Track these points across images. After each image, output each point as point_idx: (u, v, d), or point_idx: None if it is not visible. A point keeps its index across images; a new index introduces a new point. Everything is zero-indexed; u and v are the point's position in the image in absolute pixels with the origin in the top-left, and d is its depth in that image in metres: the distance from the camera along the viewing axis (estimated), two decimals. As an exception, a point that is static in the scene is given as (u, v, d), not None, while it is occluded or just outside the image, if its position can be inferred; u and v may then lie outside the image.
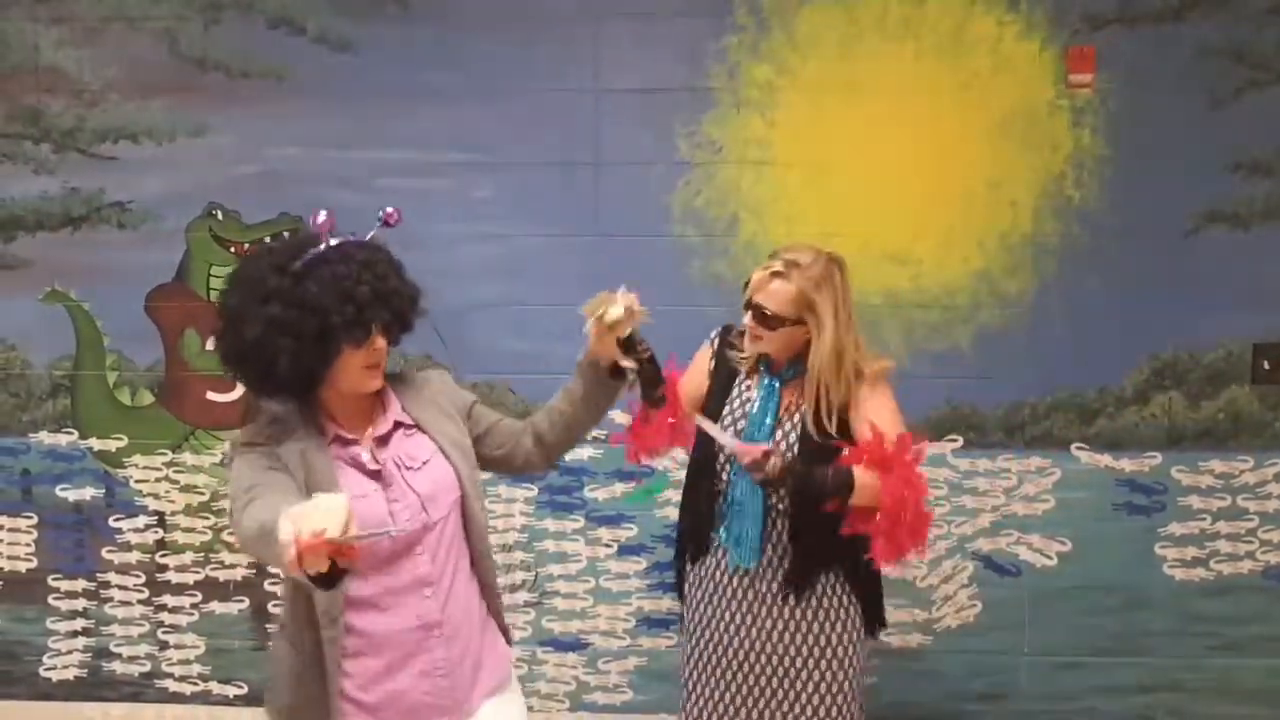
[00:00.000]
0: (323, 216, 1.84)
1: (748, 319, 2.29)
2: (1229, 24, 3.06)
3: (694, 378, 2.49)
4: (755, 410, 2.34)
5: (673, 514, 3.27)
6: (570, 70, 3.21)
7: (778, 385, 2.34)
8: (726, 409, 2.38)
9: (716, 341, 2.48)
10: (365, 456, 1.87)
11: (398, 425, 1.93)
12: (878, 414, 2.23)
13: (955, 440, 3.23)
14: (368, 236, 1.89)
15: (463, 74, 3.22)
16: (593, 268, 3.22)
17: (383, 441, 1.91)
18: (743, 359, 2.39)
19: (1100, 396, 3.21)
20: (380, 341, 1.83)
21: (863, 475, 2.15)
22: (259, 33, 3.25)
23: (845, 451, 2.21)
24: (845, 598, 2.36)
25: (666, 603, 3.31)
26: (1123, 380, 3.20)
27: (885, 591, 2.49)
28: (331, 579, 1.46)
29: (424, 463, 1.91)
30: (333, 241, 1.82)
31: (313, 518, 1.42)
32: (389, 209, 1.95)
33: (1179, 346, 3.17)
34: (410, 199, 3.23)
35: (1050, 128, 3.14)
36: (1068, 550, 3.23)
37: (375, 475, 1.87)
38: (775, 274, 2.28)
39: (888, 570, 2.34)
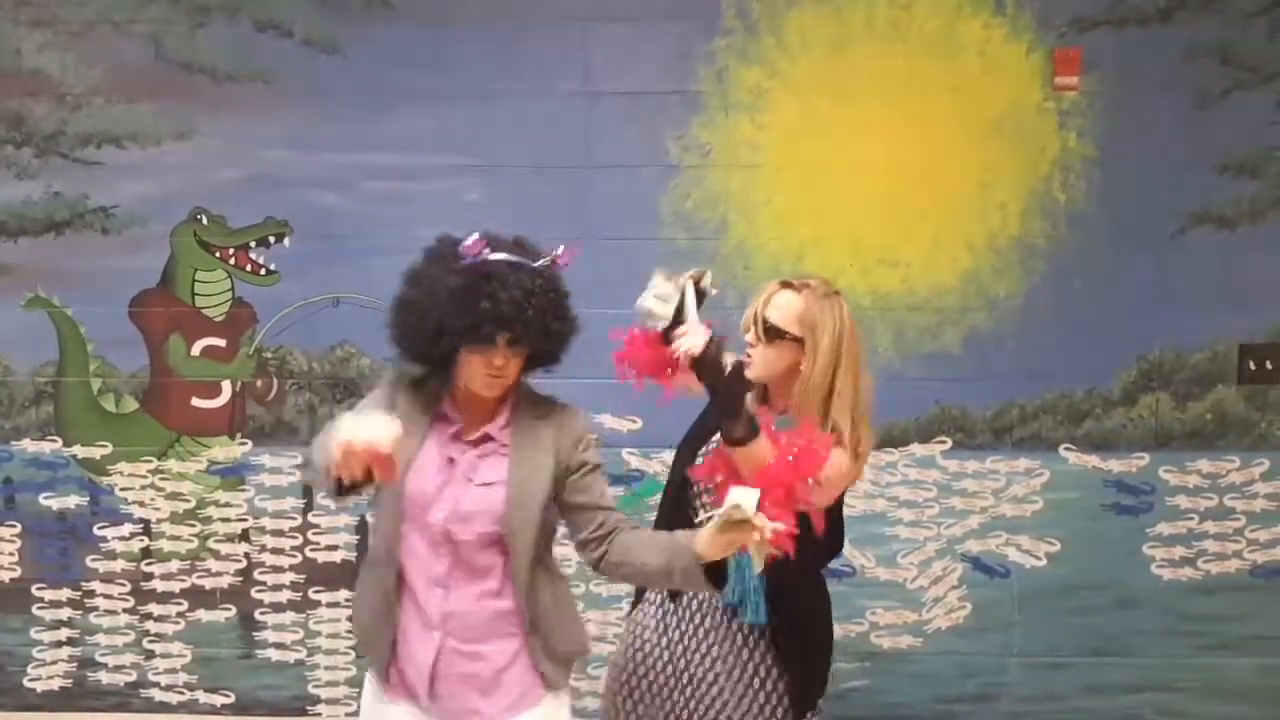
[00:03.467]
0: (560, 250, 1.97)
1: (749, 337, 2.18)
2: (1215, 26, 3.08)
3: None
4: None
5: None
6: (560, 73, 3.21)
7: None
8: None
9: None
10: (448, 447, 1.96)
11: (488, 439, 1.96)
12: (836, 472, 2.05)
13: (944, 442, 3.24)
14: (537, 264, 1.91)
15: (451, 77, 3.21)
16: (582, 271, 3.20)
17: (473, 444, 1.96)
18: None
19: (1088, 397, 3.22)
20: (500, 359, 1.87)
21: (764, 440, 2.01)
22: (246, 35, 3.24)
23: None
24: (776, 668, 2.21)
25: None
26: (1111, 381, 3.21)
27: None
28: (350, 489, 1.75)
29: (485, 484, 1.93)
30: (503, 257, 1.88)
31: (367, 424, 1.64)
32: (562, 248, 1.97)
33: (1166, 347, 3.19)
34: (398, 202, 3.24)
35: (1038, 130, 3.15)
36: (1056, 551, 3.24)
37: (449, 463, 1.94)
38: (785, 284, 2.20)
39: None
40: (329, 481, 1.76)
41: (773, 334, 2.15)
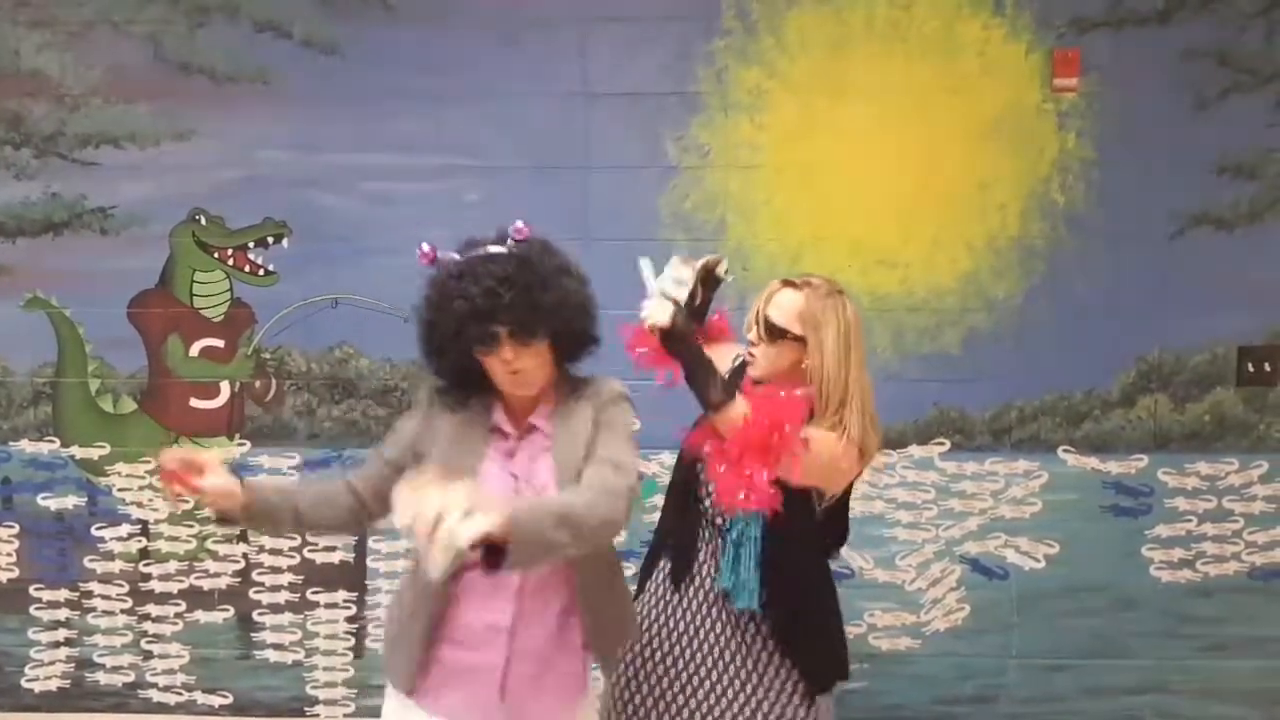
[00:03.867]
0: (517, 225, 1.93)
1: (751, 335, 2.19)
2: (1213, 27, 3.09)
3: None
4: None
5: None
6: (558, 74, 3.21)
7: None
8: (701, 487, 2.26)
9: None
10: (509, 464, 1.94)
11: (533, 429, 1.96)
12: (825, 444, 2.07)
13: (943, 443, 3.24)
14: (492, 250, 1.89)
15: (450, 77, 3.21)
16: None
17: (524, 440, 1.96)
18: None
19: (1087, 399, 3.22)
20: (508, 353, 1.85)
21: (742, 402, 2.03)
22: (244, 36, 3.24)
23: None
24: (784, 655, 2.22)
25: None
26: (1109, 383, 3.21)
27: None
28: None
29: (543, 486, 1.92)
30: (467, 254, 1.89)
31: (427, 499, 1.56)
32: (517, 224, 1.94)
33: (1165, 349, 3.19)
34: (397, 203, 3.24)
35: (1037, 131, 3.15)
36: (1055, 552, 3.24)
37: (513, 481, 1.93)
38: (787, 283, 2.20)
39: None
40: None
41: (774, 333, 2.16)
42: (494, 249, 1.89)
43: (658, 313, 1.96)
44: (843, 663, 2.30)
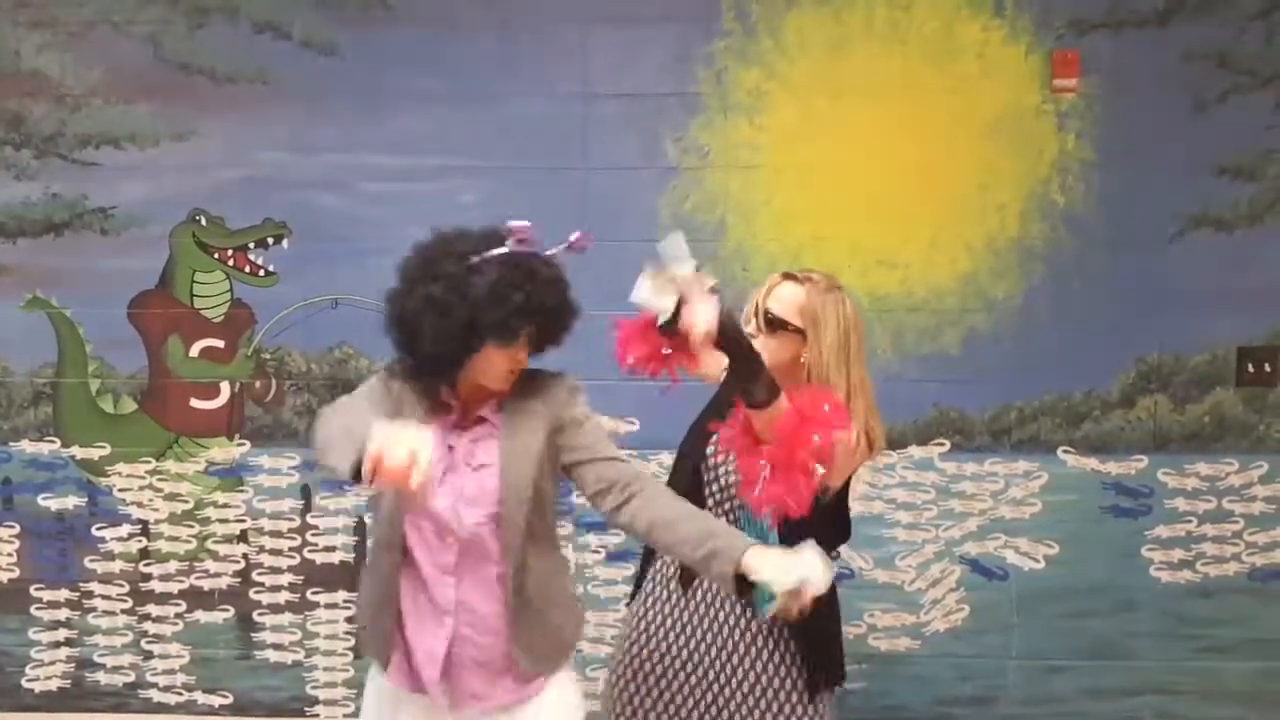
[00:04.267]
0: (576, 235, 1.94)
1: (750, 328, 2.16)
2: (1212, 29, 3.08)
3: None
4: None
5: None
6: (558, 75, 3.21)
7: None
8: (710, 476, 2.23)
9: None
10: (448, 435, 1.94)
11: (481, 420, 1.97)
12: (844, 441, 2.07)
13: (942, 444, 3.24)
14: (550, 251, 1.92)
15: (449, 78, 3.21)
16: (580, 272, 3.20)
17: (468, 428, 1.96)
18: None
19: (1087, 400, 3.22)
20: (523, 352, 1.90)
21: (786, 403, 2.00)
22: (244, 37, 3.24)
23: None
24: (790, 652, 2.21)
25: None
26: (1109, 383, 3.21)
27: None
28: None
29: (480, 466, 1.94)
30: (515, 248, 1.87)
31: (404, 437, 1.58)
32: (578, 234, 1.95)
33: (1165, 350, 3.19)
34: (396, 203, 3.24)
35: (1036, 132, 3.15)
36: (1055, 553, 3.24)
37: (449, 451, 1.94)
38: (787, 276, 2.19)
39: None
40: (349, 476, 1.68)
41: (774, 325, 2.15)
42: (539, 251, 1.90)
43: (706, 313, 1.89)
44: (842, 664, 2.30)
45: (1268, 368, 3.19)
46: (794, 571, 1.74)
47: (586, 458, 1.98)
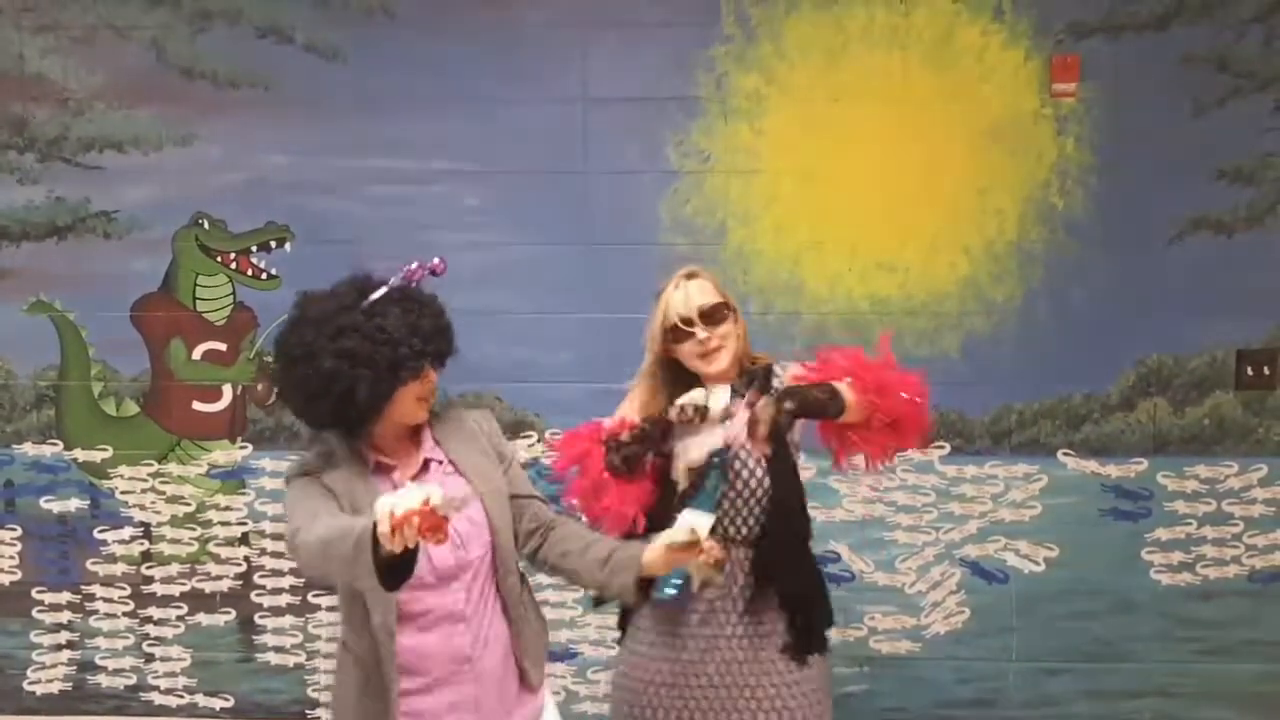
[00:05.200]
0: (414, 265, 1.96)
1: (700, 331, 2.18)
2: (1211, 33, 3.09)
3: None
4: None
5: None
6: (559, 79, 3.22)
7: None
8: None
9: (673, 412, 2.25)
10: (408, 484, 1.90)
11: (429, 462, 1.98)
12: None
13: (942, 447, 3.24)
14: (411, 283, 1.96)
15: (451, 83, 3.23)
16: (581, 277, 3.22)
17: (418, 475, 1.96)
18: (688, 408, 2.15)
19: (1086, 402, 3.23)
20: (433, 374, 1.93)
21: (842, 388, 2.10)
22: (247, 41, 3.25)
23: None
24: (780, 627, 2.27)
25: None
26: (1108, 386, 3.22)
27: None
28: (402, 568, 1.60)
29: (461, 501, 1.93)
30: (393, 283, 1.92)
31: (409, 495, 1.53)
32: (436, 260, 1.99)
33: (1164, 353, 3.20)
34: (398, 207, 3.25)
35: (1035, 136, 3.16)
36: (1055, 556, 3.24)
37: None
38: (689, 275, 2.26)
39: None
40: (374, 568, 1.60)
41: (721, 312, 2.22)
42: (388, 288, 1.91)
43: (767, 407, 1.97)
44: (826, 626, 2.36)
45: (1267, 370, 3.19)
46: (679, 528, 1.86)
47: (524, 494, 2.06)
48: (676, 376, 2.23)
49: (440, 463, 1.99)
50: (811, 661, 2.27)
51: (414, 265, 1.97)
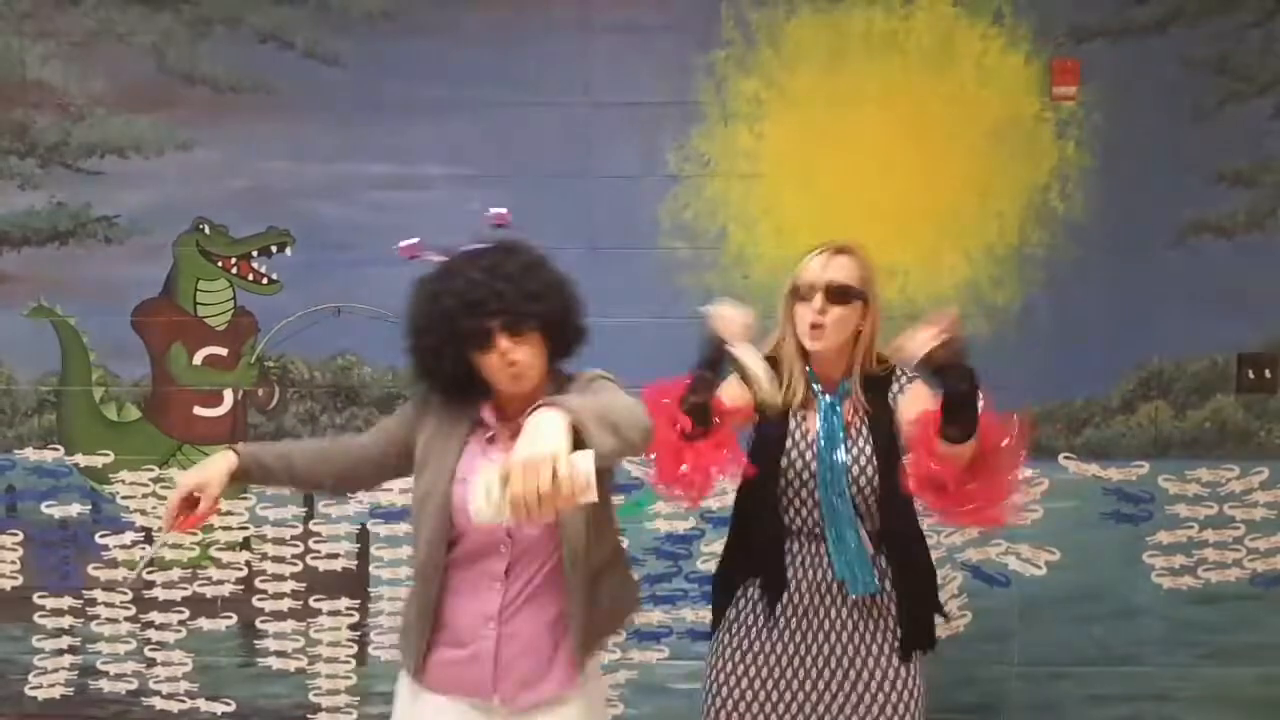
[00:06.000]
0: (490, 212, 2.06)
1: (817, 302, 2.19)
2: (1211, 37, 3.10)
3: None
4: (822, 436, 2.22)
5: (663, 526, 3.29)
6: (560, 84, 3.22)
7: (836, 404, 2.25)
8: (790, 444, 2.25)
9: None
10: (488, 450, 1.95)
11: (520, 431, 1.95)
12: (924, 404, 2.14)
13: (944, 450, 3.24)
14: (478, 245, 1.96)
15: (453, 88, 3.23)
16: (582, 280, 3.21)
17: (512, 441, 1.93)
18: (772, 392, 2.20)
19: (1087, 406, 3.22)
20: (504, 343, 1.87)
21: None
22: (247, 47, 3.25)
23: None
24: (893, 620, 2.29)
25: (657, 615, 3.31)
26: (1110, 390, 3.22)
27: None
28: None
29: None
30: (440, 256, 1.96)
31: (535, 455, 1.50)
32: (496, 209, 2.07)
33: (1165, 356, 3.20)
34: (399, 212, 3.25)
35: (1035, 139, 3.16)
36: (1056, 559, 3.24)
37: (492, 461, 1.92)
38: (840, 249, 2.24)
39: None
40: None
41: (848, 296, 2.22)
42: (474, 245, 1.93)
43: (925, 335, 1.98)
44: (933, 626, 2.38)
45: (1268, 374, 3.19)
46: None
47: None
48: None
49: None
50: (915, 658, 2.29)
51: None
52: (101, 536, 3.41)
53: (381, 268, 3.23)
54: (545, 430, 1.55)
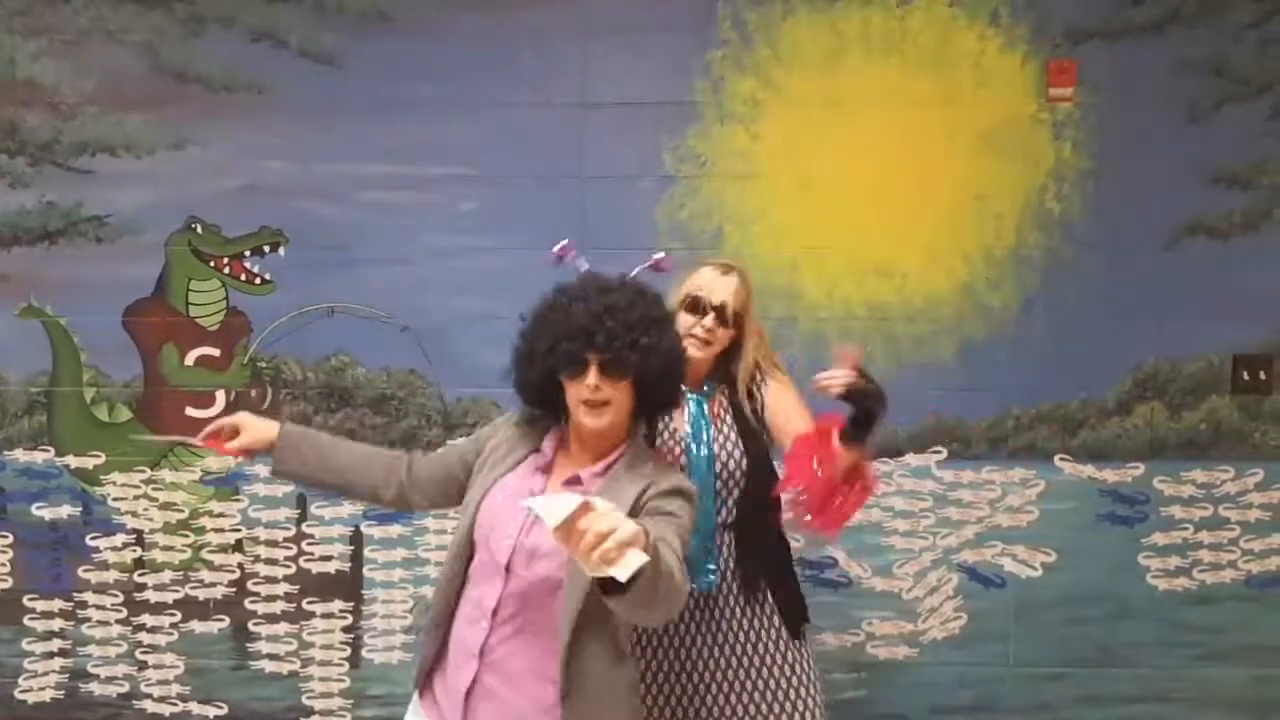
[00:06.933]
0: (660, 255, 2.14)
1: (709, 320, 2.32)
2: (1208, 39, 3.10)
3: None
4: (690, 430, 2.31)
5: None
6: (555, 84, 3.21)
7: (703, 401, 2.35)
8: (659, 443, 2.32)
9: None
10: (537, 483, 1.94)
11: (577, 481, 1.92)
12: (796, 410, 2.33)
13: (940, 452, 3.24)
14: (633, 273, 2.00)
15: (447, 87, 3.21)
16: (578, 281, 3.21)
17: (564, 484, 1.92)
18: None
19: (1083, 408, 3.22)
20: (593, 377, 1.85)
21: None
22: (241, 46, 3.23)
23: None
24: (770, 605, 2.37)
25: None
26: (1105, 391, 3.22)
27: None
28: None
29: None
30: (586, 267, 2.02)
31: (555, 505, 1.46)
32: (659, 255, 2.13)
33: (1160, 358, 3.20)
34: (394, 212, 3.24)
35: (1032, 141, 3.16)
36: (1052, 561, 3.24)
37: (529, 495, 1.89)
38: (727, 269, 2.38)
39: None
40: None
41: (732, 320, 2.35)
42: (613, 277, 1.95)
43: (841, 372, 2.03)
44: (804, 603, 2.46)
45: (1263, 375, 3.20)
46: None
47: (655, 510, 1.84)
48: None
49: (585, 489, 1.87)
50: (805, 634, 2.39)
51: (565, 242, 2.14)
52: (92, 539, 3.38)
53: (375, 268, 3.23)
54: (632, 528, 1.46)
